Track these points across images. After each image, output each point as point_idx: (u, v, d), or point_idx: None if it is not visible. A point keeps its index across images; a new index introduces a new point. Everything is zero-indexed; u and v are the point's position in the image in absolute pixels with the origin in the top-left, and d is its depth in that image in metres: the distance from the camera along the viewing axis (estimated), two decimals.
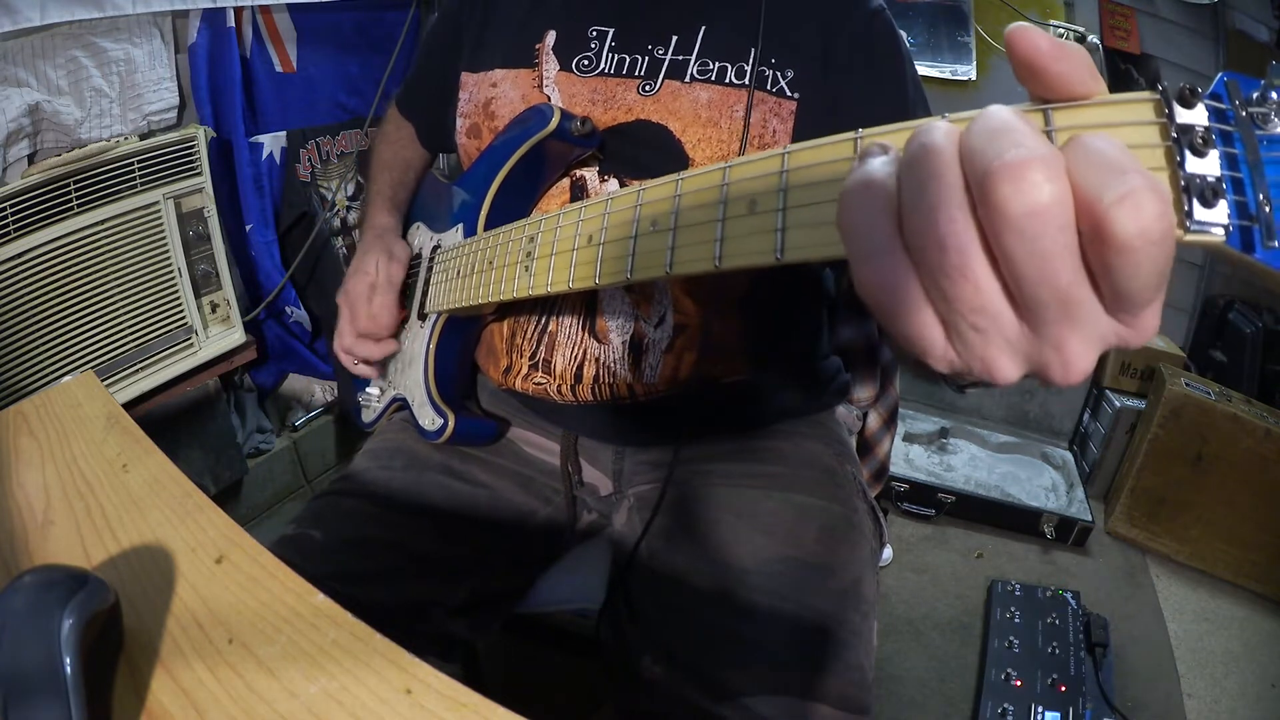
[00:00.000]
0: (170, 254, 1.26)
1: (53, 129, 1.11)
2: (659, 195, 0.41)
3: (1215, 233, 0.25)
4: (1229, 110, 0.26)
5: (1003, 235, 0.23)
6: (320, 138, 1.54)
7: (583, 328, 0.68)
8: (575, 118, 0.65)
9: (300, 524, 0.69)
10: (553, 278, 0.51)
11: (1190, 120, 0.25)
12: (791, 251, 0.33)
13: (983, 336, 0.25)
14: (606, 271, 0.45)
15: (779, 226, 0.33)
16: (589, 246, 0.47)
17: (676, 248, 0.39)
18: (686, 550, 0.66)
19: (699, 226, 0.38)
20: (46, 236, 1.09)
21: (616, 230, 0.44)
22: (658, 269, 0.40)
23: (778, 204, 0.33)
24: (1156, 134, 0.26)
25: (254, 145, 1.39)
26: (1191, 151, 0.25)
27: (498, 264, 0.60)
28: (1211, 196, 0.24)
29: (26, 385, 1.11)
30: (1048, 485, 1.85)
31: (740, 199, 0.35)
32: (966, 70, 1.86)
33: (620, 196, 0.45)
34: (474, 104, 0.74)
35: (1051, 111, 0.27)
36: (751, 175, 0.35)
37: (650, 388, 0.68)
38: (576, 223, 0.49)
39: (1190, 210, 0.25)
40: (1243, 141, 0.25)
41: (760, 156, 0.35)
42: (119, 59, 1.16)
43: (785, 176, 0.33)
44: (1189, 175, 0.25)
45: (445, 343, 0.74)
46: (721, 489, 0.70)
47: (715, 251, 0.36)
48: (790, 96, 0.65)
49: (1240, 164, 0.25)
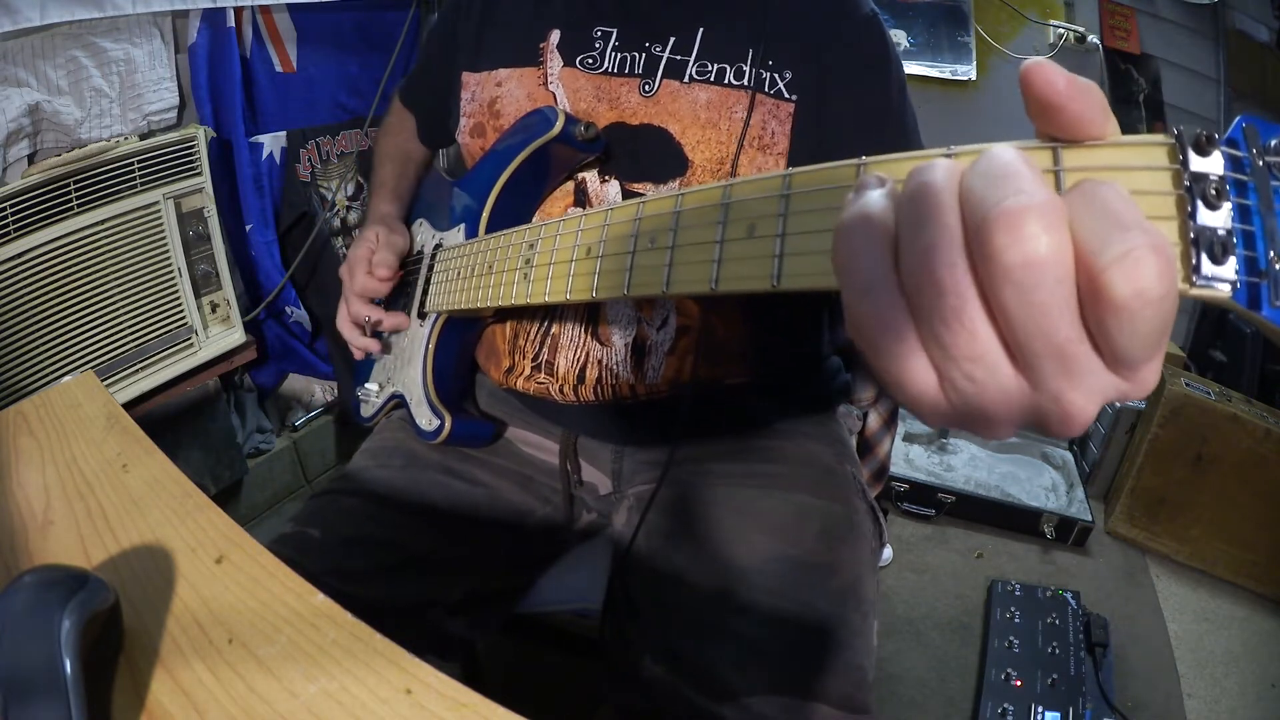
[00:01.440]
0: (170, 254, 1.26)
1: (53, 129, 1.11)
2: (659, 210, 0.40)
3: (1222, 289, 0.24)
4: (1245, 158, 0.24)
5: (998, 285, 0.22)
6: (320, 138, 1.54)
7: (586, 330, 0.68)
8: (580, 122, 0.65)
9: (299, 522, 0.70)
10: (551, 287, 0.50)
11: (1204, 169, 0.24)
12: (789, 279, 0.32)
13: (978, 388, 0.24)
14: (604, 285, 0.44)
15: (777, 253, 0.32)
16: (587, 259, 0.46)
17: (674, 265, 0.38)
18: (687, 550, 0.66)
19: (697, 246, 0.37)
20: (46, 236, 1.09)
21: (615, 244, 0.43)
22: (654, 287, 0.39)
23: (777, 229, 0.32)
24: (1169, 181, 0.25)
25: (254, 145, 1.39)
26: (1204, 203, 0.24)
27: (497, 269, 0.59)
28: (1221, 253, 0.23)
29: (26, 385, 1.11)
30: (1048, 485, 1.85)
31: (740, 221, 0.34)
32: (966, 70, 1.86)
33: (620, 209, 0.44)
34: (478, 103, 0.74)
35: (1061, 150, 0.26)
36: (752, 196, 0.34)
37: (652, 389, 0.68)
38: (576, 233, 0.48)
39: (1198, 265, 0.24)
40: (1257, 192, 0.24)
41: (762, 177, 0.34)
42: (119, 59, 1.16)
43: (786, 201, 0.32)
44: (1199, 228, 0.24)
45: (444, 343, 0.74)
46: (722, 488, 0.70)
47: (712, 274, 0.35)
48: (788, 99, 0.65)
49: (1253, 216, 0.24)
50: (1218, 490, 1.62)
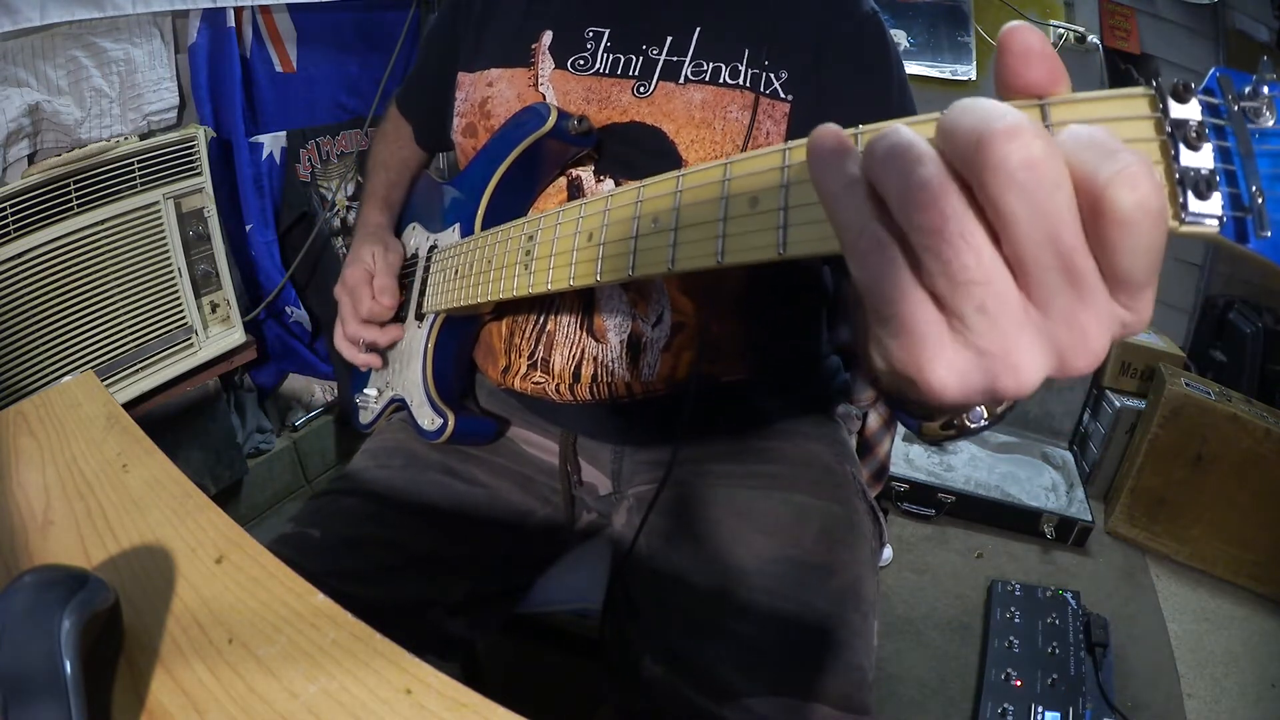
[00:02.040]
0: (170, 254, 1.26)
1: (53, 129, 1.11)
2: (660, 192, 0.41)
3: (1209, 224, 0.25)
4: (1222, 105, 0.26)
5: (1002, 193, 0.23)
6: (320, 138, 1.54)
7: (580, 327, 0.68)
8: (572, 116, 0.65)
9: (299, 522, 0.70)
10: (553, 276, 0.51)
11: (1184, 115, 0.26)
12: (794, 247, 0.33)
13: (990, 320, 0.24)
14: (608, 269, 0.45)
15: (780, 224, 0.33)
16: (590, 245, 0.47)
17: (679, 244, 0.39)
18: (686, 550, 0.66)
19: (701, 225, 0.38)
20: (46, 236, 1.09)
21: (617, 228, 0.44)
22: (660, 265, 0.40)
23: (779, 202, 0.34)
24: (1151, 128, 0.26)
25: (254, 145, 1.39)
26: (1185, 145, 0.25)
27: (497, 263, 0.60)
28: (1205, 189, 0.25)
29: (26, 385, 1.11)
30: (1048, 485, 1.85)
31: (741, 196, 0.36)
32: (966, 70, 1.86)
33: (620, 194, 0.45)
34: (470, 103, 0.74)
35: (1048, 107, 0.27)
36: (752, 171, 0.35)
37: (649, 386, 0.68)
38: (577, 220, 0.49)
39: (1185, 202, 0.25)
40: (1235, 135, 0.26)
41: (760, 153, 0.35)
42: (119, 59, 1.16)
43: (786, 173, 0.34)
44: (1183, 168, 0.25)
45: (443, 342, 0.74)
46: (721, 489, 0.70)
47: (718, 248, 0.37)
48: (784, 98, 0.65)
49: (1233, 157, 0.26)
50: (1218, 490, 1.62)
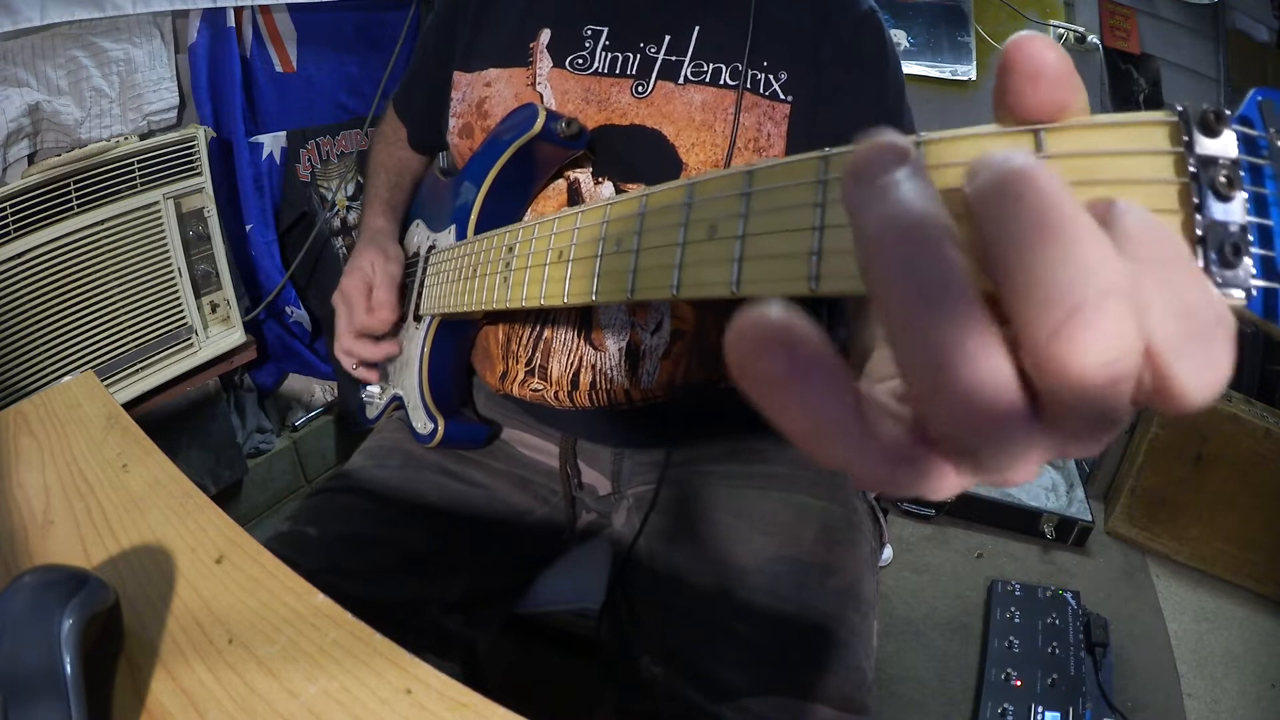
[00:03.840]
0: (170, 254, 1.26)
1: (53, 129, 1.11)
2: (624, 213, 0.37)
3: (1235, 295, 0.20)
4: (1261, 138, 0.20)
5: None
6: (320, 138, 1.54)
7: (579, 335, 0.68)
8: (561, 118, 0.64)
9: (295, 521, 0.70)
10: (527, 291, 0.48)
11: (1214, 151, 0.20)
12: (747, 285, 0.28)
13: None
14: (574, 291, 0.41)
15: (736, 256, 0.29)
16: (560, 263, 0.44)
17: (638, 271, 0.35)
18: (686, 550, 0.66)
19: (659, 250, 0.34)
20: (46, 236, 1.09)
21: (585, 248, 0.41)
22: (620, 293, 0.36)
23: (737, 230, 0.29)
24: (1170, 168, 0.20)
25: (254, 145, 1.39)
26: (1214, 193, 0.20)
27: (480, 272, 0.58)
28: (1234, 254, 0.19)
29: (26, 385, 1.11)
30: (1048, 485, 1.85)
31: (700, 222, 0.31)
32: (966, 70, 1.86)
33: (590, 211, 0.42)
34: (467, 103, 0.73)
35: (1044, 134, 0.22)
36: (715, 195, 0.31)
37: (648, 393, 0.68)
38: (550, 236, 0.46)
39: (1207, 269, 0.20)
40: (1275, 179, 0.20)
41: (726, 173, 0.31)
42: (119, 59, 1.16)
43: (748, 200, 0.29)
44: (1208, 223, 0.20)
45: (439, 345, 0.73)
46: (721, 489, 0.70)
47: (673, 279, 0.32)
48: (783, 99, 0.65)
49: (1270, 208, 0.20)
50: (1218, 490, 1.62)
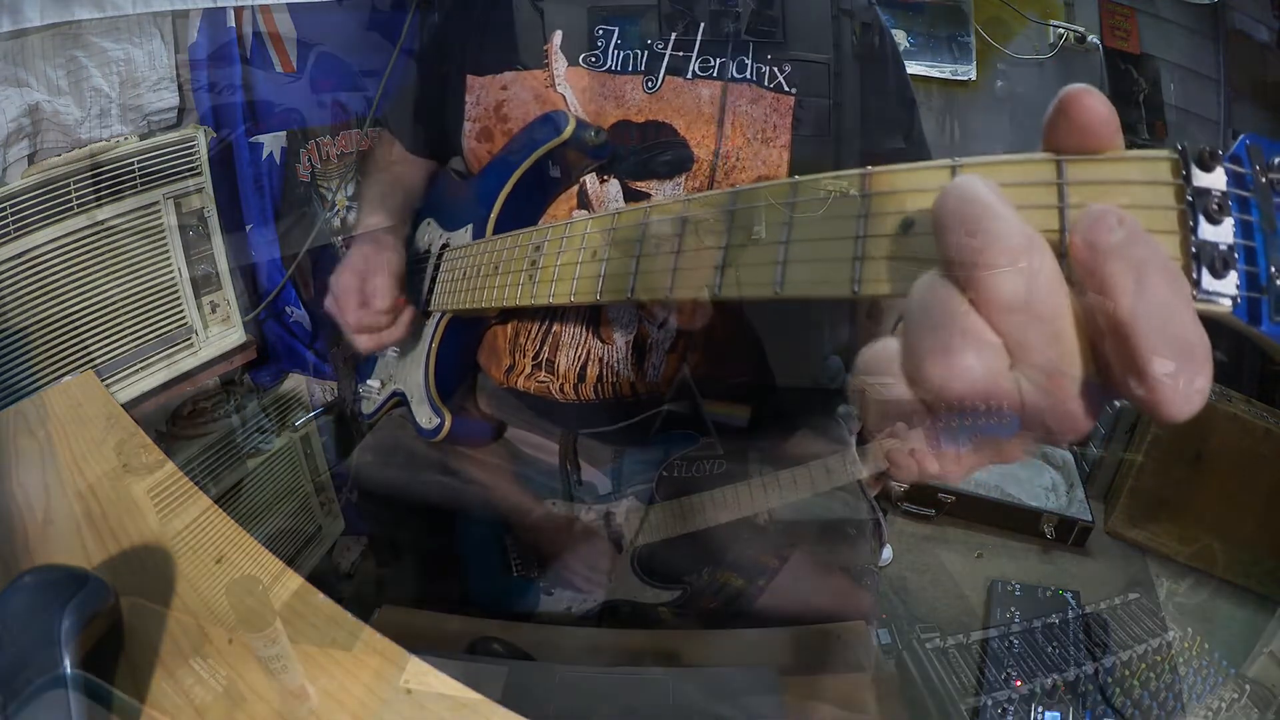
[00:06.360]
0: (170, 254, 1.26)
1: (53, 129, 1.11)
2: (666, 215, 0.40)
3: (1222, 303, 0.24)
4: (1248, 175, 0.25)
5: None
6: (320, 138, 1.53)
7: (587, 329, 0.68)
8: (590, 128, 0.65)
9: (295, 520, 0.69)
10: (555, 290, 0.50)
11: (1207, 184, 0.24)
12: (791, 286, 0.31)
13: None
14: (609, 289, 0.43)
15: (780, 259, 0.32)
16: (593, 261, 0.46)
17: (678, 270, 0.38)
18: (686, 549, 0.66)
19: (702, 252, 0.36)
20: (46, 236, 1.09)
21: (621, 247, 0.43)
22: (660, 291, 0.39)
23: (782, 236, 0.32)
24: (1171, 196, 0.25)
25: (254, 145, 1.39)
26: (1206, 218, 0.24)
27: (503, 270, 0.59)
28: (1222, 267, 0.24)
29: (26, 385, 1.11)
30: (1048, 485, 1.85)
31: (744, 227, 0.34)
32: (966, 70, 1.85)
33: (627, 213, 0.44)
34: (483, 107, 0.74)
35: (1065, 164, 0.26)
36: (760, 202, 0.34)
37: (653, 387, 0.68)
38: (582, 235, 0.48)
39: (1199, 279, 0.24)
40: (1259, 209, 0.25)
41: (771, 185, 0.34)
42: (119, 59, 1.16)
43: (792, 209, 0.32)
44: (1201, 242, 0.24)
45: (448, 342, 0.74)
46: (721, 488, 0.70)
47: (715, 279, 0.35)
48: (788, 91, 0.65)
49: (1254, 232, 0.24)
50: (1218, 490, 1.62)
